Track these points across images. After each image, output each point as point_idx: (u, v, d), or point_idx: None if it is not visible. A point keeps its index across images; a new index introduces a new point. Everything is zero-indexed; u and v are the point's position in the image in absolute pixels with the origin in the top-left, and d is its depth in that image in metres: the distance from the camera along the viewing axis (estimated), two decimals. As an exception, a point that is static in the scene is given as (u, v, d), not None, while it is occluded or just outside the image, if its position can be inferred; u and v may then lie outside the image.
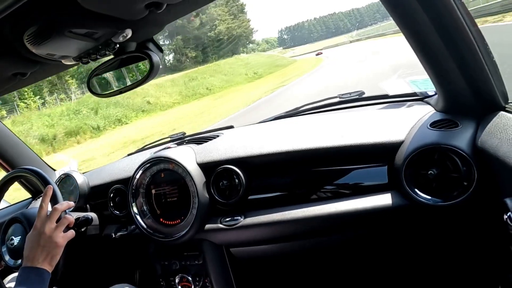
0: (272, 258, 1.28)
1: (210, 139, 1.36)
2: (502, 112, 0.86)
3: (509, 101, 0.88)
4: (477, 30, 0.80)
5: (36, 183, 1.15)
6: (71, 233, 0.95)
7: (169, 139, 1.62)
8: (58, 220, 0.93)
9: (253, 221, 1.12)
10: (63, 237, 0.92)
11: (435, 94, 1.13)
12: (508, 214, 0.68)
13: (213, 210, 1.18)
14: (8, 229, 1.23)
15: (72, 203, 1.02)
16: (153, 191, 1.24)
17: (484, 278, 1.04)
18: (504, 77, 0.85)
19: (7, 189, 1.18)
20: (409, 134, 1.00)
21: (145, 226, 1.22)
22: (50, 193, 0.97)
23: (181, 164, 1.16)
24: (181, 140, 1.50)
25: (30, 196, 1.72)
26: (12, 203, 1.74)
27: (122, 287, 1.20)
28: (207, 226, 1.17)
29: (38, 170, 1.09)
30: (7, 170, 1.56)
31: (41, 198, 1.60)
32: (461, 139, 0.88)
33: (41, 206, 0.94)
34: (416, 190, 0.92)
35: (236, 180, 1.15)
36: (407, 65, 7.84)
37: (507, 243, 0.72)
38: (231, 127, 1.55)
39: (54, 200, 1.01)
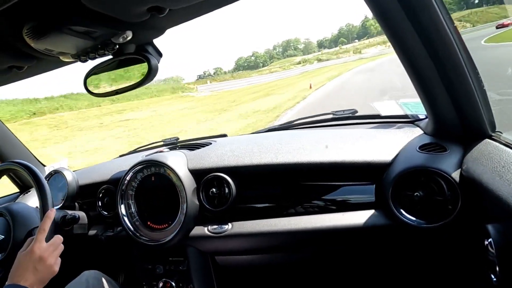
0: (257, 269, 1.27)
1: (203, 146, 1.36)
2: (488, 140, 0.87)
3: (496, 130, 0.90)
4: (469, 57, 0.81)
5: (25, 177, 1.13)
6: (59, 260, 0.91)
7: (162, 143, 1.62)
8: (47, 239, 0.89)
9: (240, 230, 1.12)
10: (58, 265, 0.89)
11: (426, 117, 1.15)
12: (489, 240, 0.68)
13: (201, 217, 1.18)
14: None
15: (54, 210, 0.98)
16: (142, 194, 1.24)
17: None
18: (492, 106, 0.87)
19: None
20: (398, 155, 1.01)
21: (132, 229, 1.21)
22: (52, 216, 0.93)
23: (172, 169, 1.16)
24: (174, 145, 1.51)
25: (18, 190, 1.70)
26: (-1, 196, 1.71)
27: (92, 274, 1.17)
28: (194, 232, 1.16)
29: (29, 165, 1.08)
30: (-3, 163, 1.54)
31: (28, 194, 1.58)
32: (448, 163, 0.90)
33: (42, 229, 0.89)
34: (401, 210, 0.93)
35: (226, 189, 1.15)
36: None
37: (486, 268, 0.73)
38: (225, 135, 1.56)
39: (44, 199, 0.99)
